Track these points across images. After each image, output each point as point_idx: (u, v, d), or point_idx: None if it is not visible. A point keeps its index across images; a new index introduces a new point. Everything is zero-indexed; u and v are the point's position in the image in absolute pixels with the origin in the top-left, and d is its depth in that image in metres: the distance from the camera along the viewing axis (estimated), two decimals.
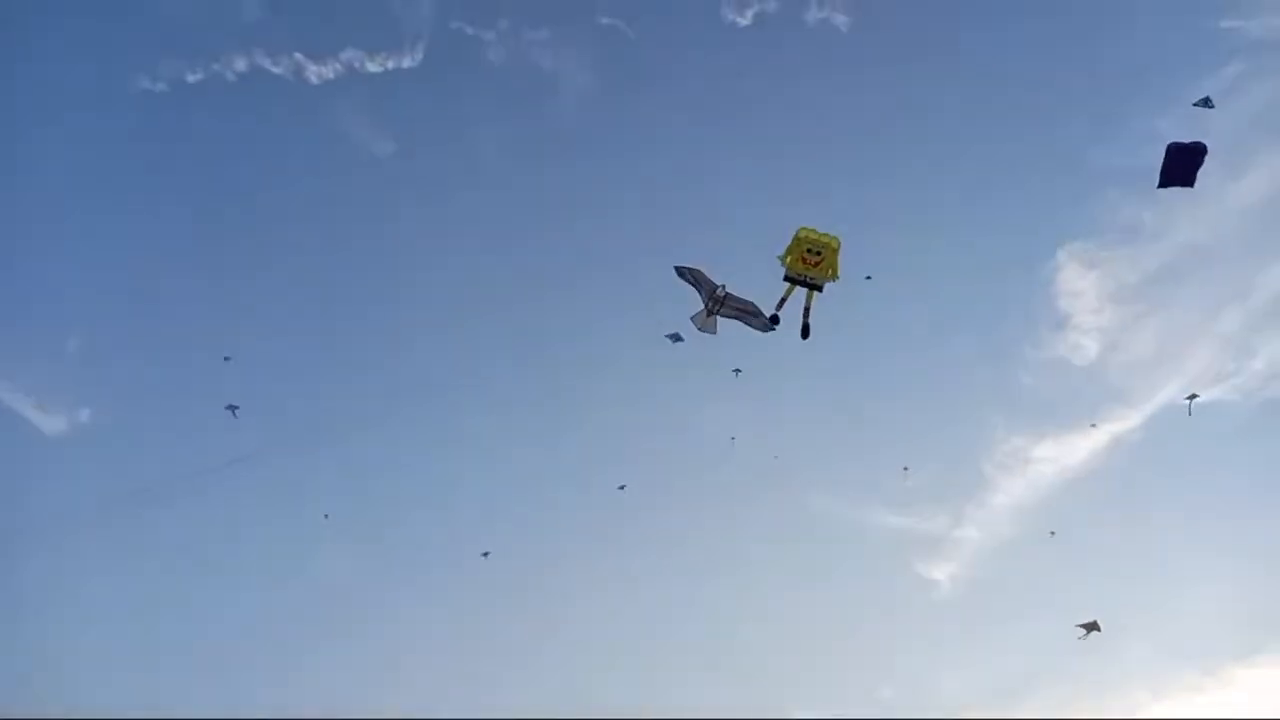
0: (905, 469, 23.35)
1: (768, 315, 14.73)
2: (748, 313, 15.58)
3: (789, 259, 13.86)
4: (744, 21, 25.60)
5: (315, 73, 23.92)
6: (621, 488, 23.00)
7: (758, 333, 15.56)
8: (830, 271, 13.73)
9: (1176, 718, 23.93)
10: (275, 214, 29.83)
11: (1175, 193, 15.23)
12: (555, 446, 29.59)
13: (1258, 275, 27.27)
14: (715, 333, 16.14)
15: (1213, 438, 26.83)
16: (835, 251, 13.64)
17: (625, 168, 31.45)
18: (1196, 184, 14.89)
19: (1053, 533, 23.44)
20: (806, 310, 14.19)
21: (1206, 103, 15.95)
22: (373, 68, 24.09)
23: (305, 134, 29.07)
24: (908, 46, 29.35)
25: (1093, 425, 24.75)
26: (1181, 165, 14.53)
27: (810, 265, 13.71)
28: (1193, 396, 20.65)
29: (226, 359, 22.17)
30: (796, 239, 13.75)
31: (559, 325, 29.84)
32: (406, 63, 24.48)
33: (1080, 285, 28.61)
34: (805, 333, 14.35)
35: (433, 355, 30.11)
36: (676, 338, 17.52)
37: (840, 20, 25.73)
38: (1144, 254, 28.25)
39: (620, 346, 28.10)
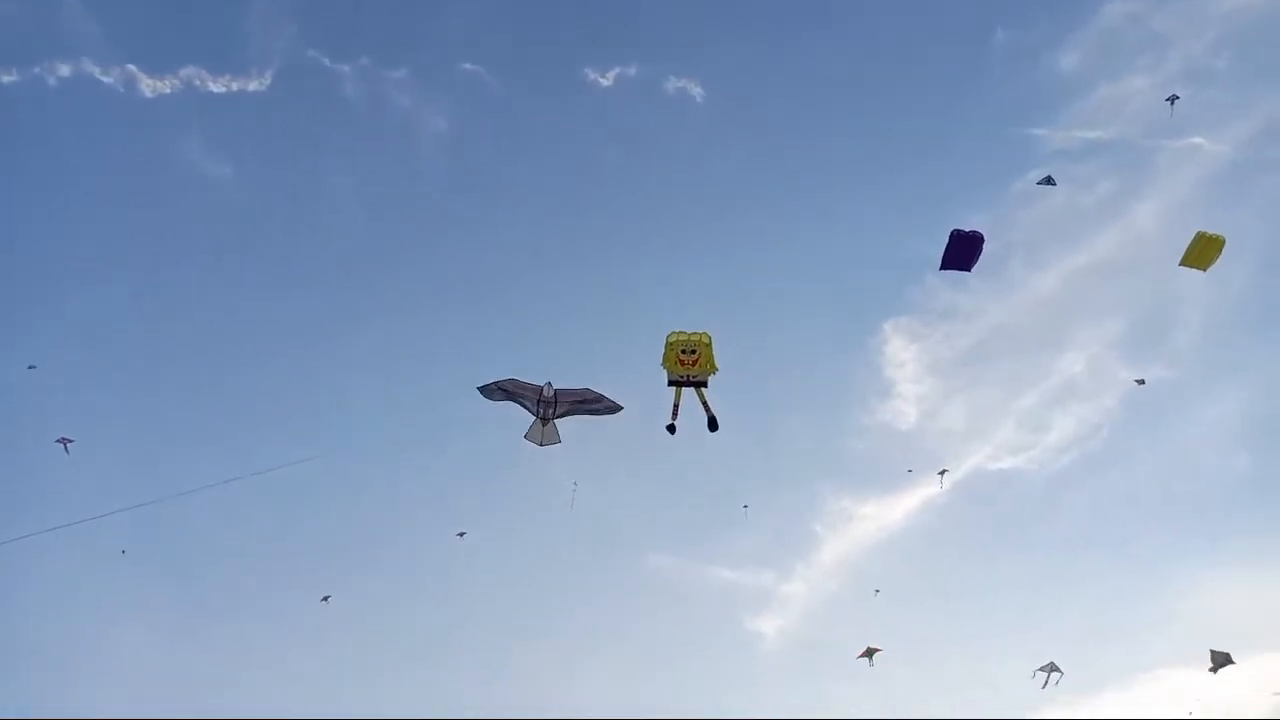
0: (745, 507, 23.77)
1: (665, 426, 14.24)
2: (587, 401, 14.68)
3: (667, 365, 13.91)
4: (605, 82, 26.53)
5: (149, 86, 22.88)
6: (461, 534, 22.30)
7: (608, 416, 14.71)
8: (709, 365, 13.86)
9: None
10: (85, 217, 28.43)
11: (987, 278, 16.87)
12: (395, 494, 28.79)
13: (1054, 359, 30.67)
14: (559, 440, 14.90)
15: (1010, 502, 29.40)
16: (708, 346, 13.96)
17: (475, 229, 31.92)
18: (991, 273, 16.69)
19: (878, 591, 24.33)
20: (705, 404, 14.27)
21: (1049, 181, 18.06)
22: (215, 88, 23.28)
23: (132, 146, 27.92)
24: (760, 126, 31.92)
25: (910, 470, 25.51)
26: (961, 251, 15.63)
27: (689, 365, 13.82)
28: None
29: (31, 367, 21.21)
30: (668, 344, 13.99)
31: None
32: (253, 86, 23.77)
33: (904, 357, 30.90)
34: (712, 425, 14.33)
35: (253, 382, 29.91)
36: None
37: (696, 91, 27.35)
38: (959, 333, 31.18)
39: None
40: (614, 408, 14.72)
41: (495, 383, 14.41)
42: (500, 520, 28.56)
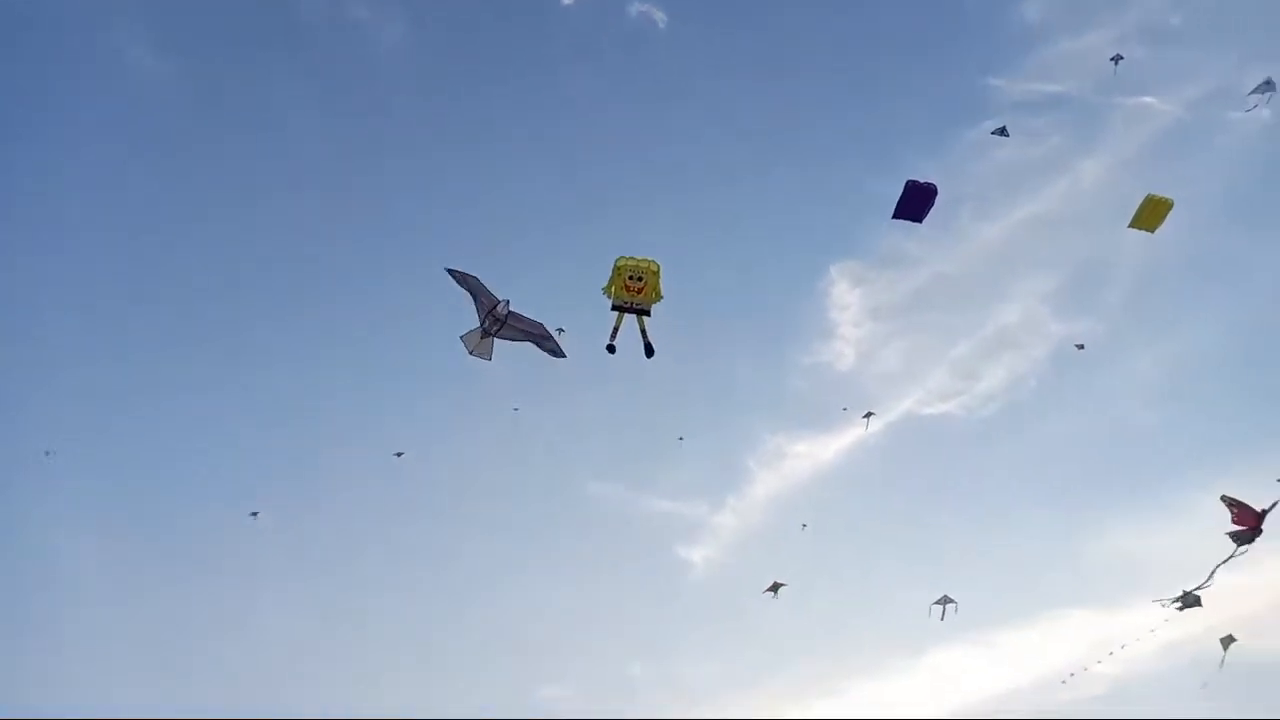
0: (680, 439, 24.67)
1: (605, 344, 14.03)
2: (536, 335, 14.36)
3: (612, 289, 13.78)
4: (567, 1, 25.84)
5: None
6: (398, 454, 22.56)
7: (549, 357, 14.45)
8: (654, 294, 13.73)
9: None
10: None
11: (934, 227, 16.90)
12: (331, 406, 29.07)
13: (990, 310, 31.35)
14: (489, 358, 14.51)
15: (938, 446, 30.36)
16: (656, 274, 13.80)
17: (430, 140, 31.93)
18: (938, 222, 16.62)
19: (805, 525, 24.77)
20: (644, 333, 14.12)
21: (1003, 131, 18.08)
22: None
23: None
24: (721, 57, 32.04)
25: (844, 409, 25.69)
26: (915, 202, 15.60)
27: (634, 292, 13.66)
28: (1080, 346, 23.40)
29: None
30: (616, 269, 13.79)
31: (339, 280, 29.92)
32: None
33: (848, 300, 31.36)
34: (649, 352, 14.18)
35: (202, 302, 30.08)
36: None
37: (659, 16, 26.78)
38: (902, 279, 31.68)
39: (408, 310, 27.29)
40: (557, 352, 14.46)
41: (465, 272, 14.00)
42: (440, 442, 28.63)
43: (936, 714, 26.61)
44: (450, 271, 14.06)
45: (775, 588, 21.25)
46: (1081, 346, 23.74)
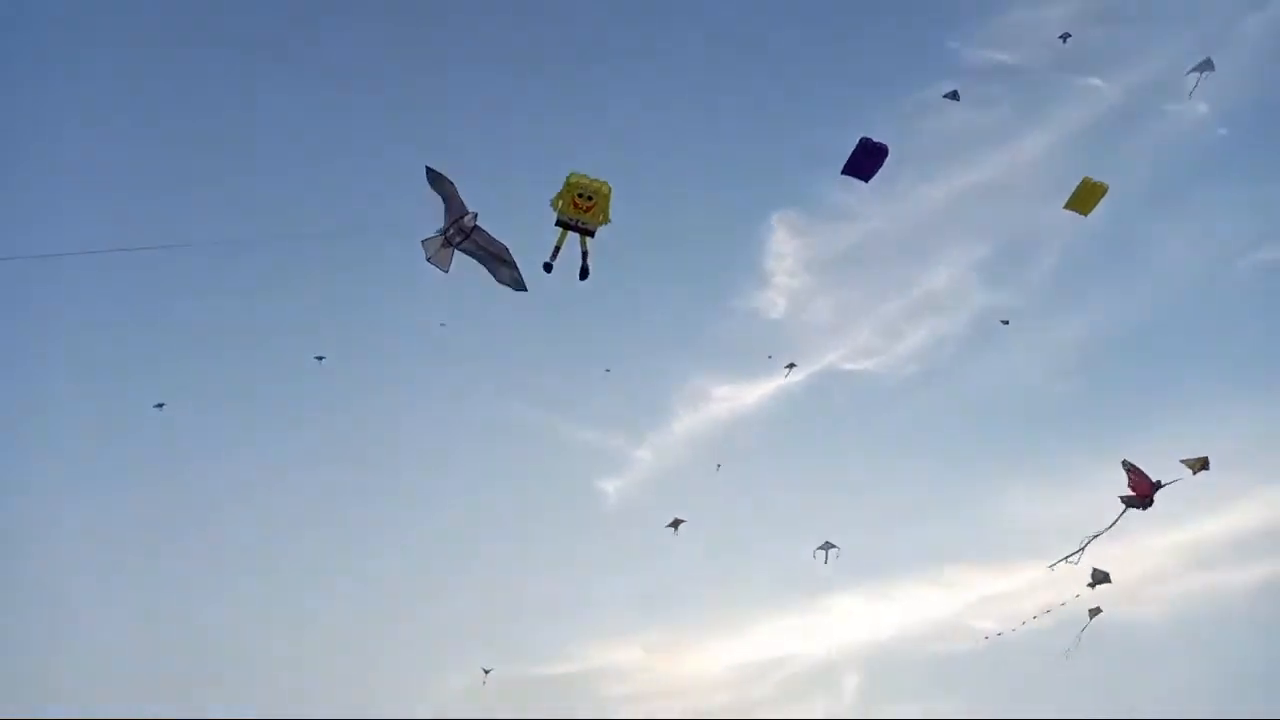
0: (607, 370, 25.08)
1: (541, 264, 13.70)
2: (497, 258, 13.88)
3: (560, 203, 13.54)
4: None
5: None
6: (320, 359, 22.72)
7: (504, 288, 13.94)
8: (602, 216, 13.60)
9: None
10: None
11: (877, 185, 17.02)
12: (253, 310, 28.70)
13: (921, 272, 32.02)
14: (447, 269, 13.92)
15: (855, 401, 31.24)
16: (607, 197, 13.52)
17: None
18: (882, 181, 16.78)
19: (719, 466, 25.30)
20: (584, 254, 13.87)
21: (954, 95, 18.22)
22: None
23: None
24: None
25: (769, 357, 26.07)
26: (865, 160, 15.86)
27: (582, 210, 13.51)
28: (1005, 322, 24.17)
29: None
30: (568, 184, 13.46)
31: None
32: None
33: (785, 249, 31.71)
34: (584, 274, 13.91)
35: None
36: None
37: None
38: (840, 234, 32.07)
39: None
40: (518, 283, 13.95)
41: (443, 174, 13.26)
42: (363, 351, 28.29)
43: (820, 653, 27.77)
44: (429, 170, 13.37)
45: (676, 524, 21.84)
46: (1006, 322, 24.53)
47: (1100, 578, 18.42)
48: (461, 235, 13.69)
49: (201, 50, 30.16)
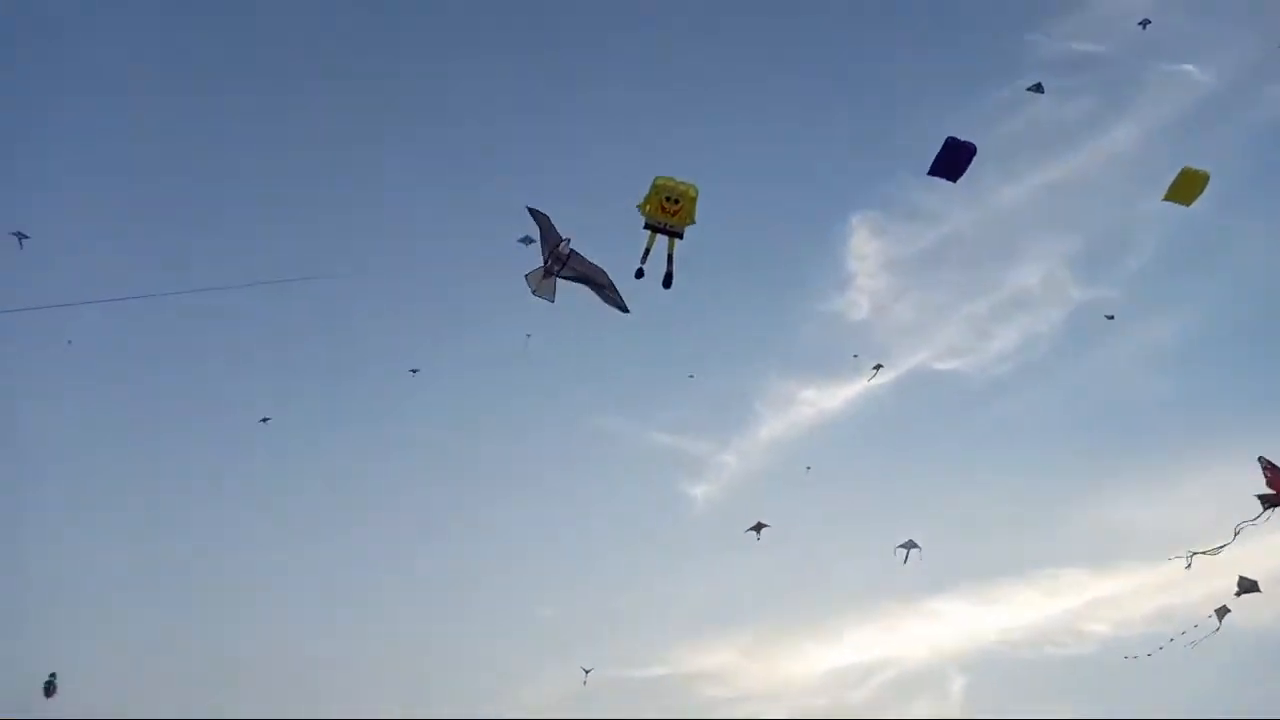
0: (691, 376, 25.52)
1: (634, 270, 13.88)
2: (596, 283, 14.23)
3: (648, 207, 13.82)
4: None
5: None
6: (414, 371, 23.50)
7: (610, 309, 14.22)
8: (689, 218, 13.83)
9: None
10: None
11: (959, 184, 16.86)
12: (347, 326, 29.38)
13: (1006, 271, 31.61)
14: (553, 299, 14.43)
15: (945, 402, 30.82)
16: (693, 200, 13.70)
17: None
18: (963, 180, 16.69)
19: (809, 468, 25.10)
20: (669, 259, 14.03)
21: (1039, 88, 18.11)
22: None
23: None
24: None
25: (855, 356, 25.81)
26: (952, 160, 15.57)
27: (670, 214, 13.76)
28: (1110, 317, 24.51)
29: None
30: (655, 187, 13.69)
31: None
32: None
33: (866, 250, 31.66)
34: (668, 281, 14.07)
35: None
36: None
37: None
38: (921, 234, 31.87)
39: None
40: (620, 305, 14.23)
41: (538, 210, 13.91)
42: (454, 363, 29.13)
43: (922, 656, 27.33)
44: (530, 210, 13.97)
45: (759, 527, 21.75)
46: (1111, 317, 24.03)
47: (1247, 586, 17.63)
48: (560, 263, 14.11)
49: None
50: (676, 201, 13.70)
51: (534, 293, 14.50)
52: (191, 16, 30.30)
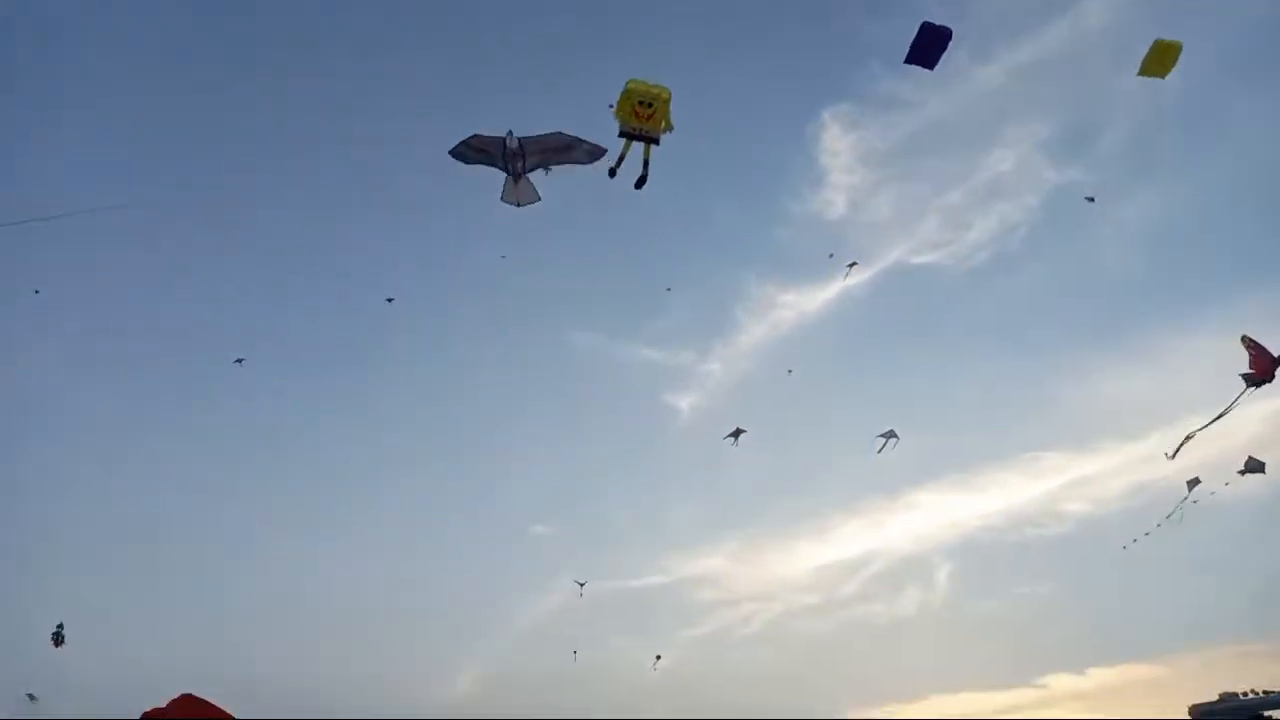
0: (668, 290, 24.94)
1: (607, 166, 13.65)
2: (557, 149, 13.79)
3: (620, 113, 13.52)
4: None
5: None
6: (390, 300, 24.29)
7: (582, 166, 13.88)
8: (664, 123, 13.57)
9: None
10: None
11: (932, 71, 16.67)
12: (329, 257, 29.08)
13: (984, 156, 31.49)
14: (539, 198, 14.06)
15: (925, 296, 31.16)
16: (666, 103, 13.43)
17: None
18: (940, 67, 16.48)
19: (790, 371, 25.56)
20: (645, 162, 13.80)
21: None
22: None
23: None
24: None
25: (830, 255, 25.81)
26: (929, 46, 15.55)
27: (643, 119, 13.48)
28: (1091, 199, 24.44)
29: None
30: (626, 91, 13.37)
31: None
32: None
33: (839, 146, 31.48)
34: (641, 183, 13.86)
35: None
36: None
37: None
38: (896, 124, 31.68)
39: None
40: (594, 151, 13.83)
41: (463, 143, 13.43)
42: (426, 288, 28.84)
43: (908, 547, 28.00)
44: (453, 153, 13.49)
45: (736, 433, 22.03)
46: (1092, 199, 24.01)
47: (1254, 466, 17.91)
48: (518, 160, 13.70)
49: None
50: (650, 105, 13.41)
51: (519, 205, 14.15)
52: None
